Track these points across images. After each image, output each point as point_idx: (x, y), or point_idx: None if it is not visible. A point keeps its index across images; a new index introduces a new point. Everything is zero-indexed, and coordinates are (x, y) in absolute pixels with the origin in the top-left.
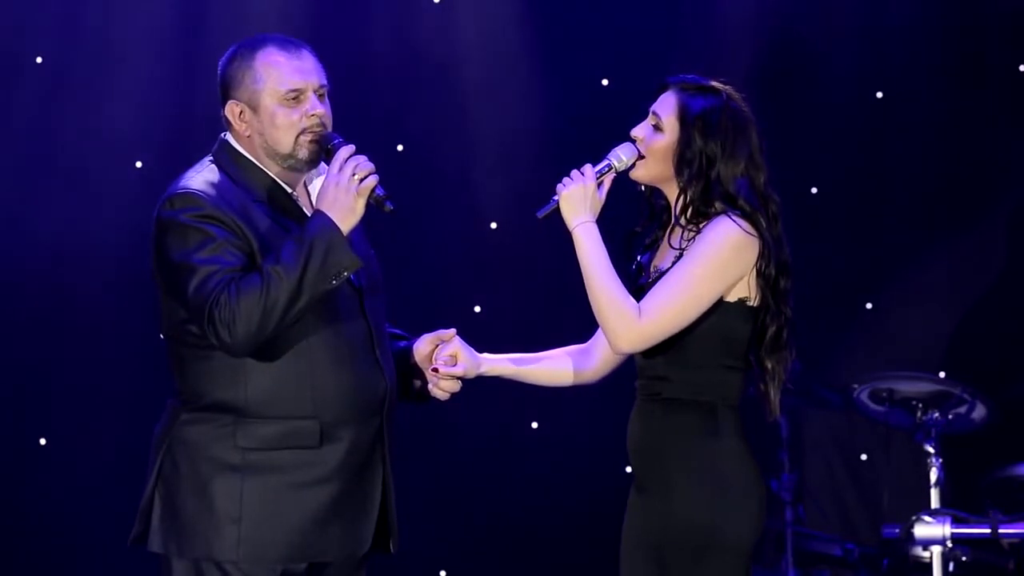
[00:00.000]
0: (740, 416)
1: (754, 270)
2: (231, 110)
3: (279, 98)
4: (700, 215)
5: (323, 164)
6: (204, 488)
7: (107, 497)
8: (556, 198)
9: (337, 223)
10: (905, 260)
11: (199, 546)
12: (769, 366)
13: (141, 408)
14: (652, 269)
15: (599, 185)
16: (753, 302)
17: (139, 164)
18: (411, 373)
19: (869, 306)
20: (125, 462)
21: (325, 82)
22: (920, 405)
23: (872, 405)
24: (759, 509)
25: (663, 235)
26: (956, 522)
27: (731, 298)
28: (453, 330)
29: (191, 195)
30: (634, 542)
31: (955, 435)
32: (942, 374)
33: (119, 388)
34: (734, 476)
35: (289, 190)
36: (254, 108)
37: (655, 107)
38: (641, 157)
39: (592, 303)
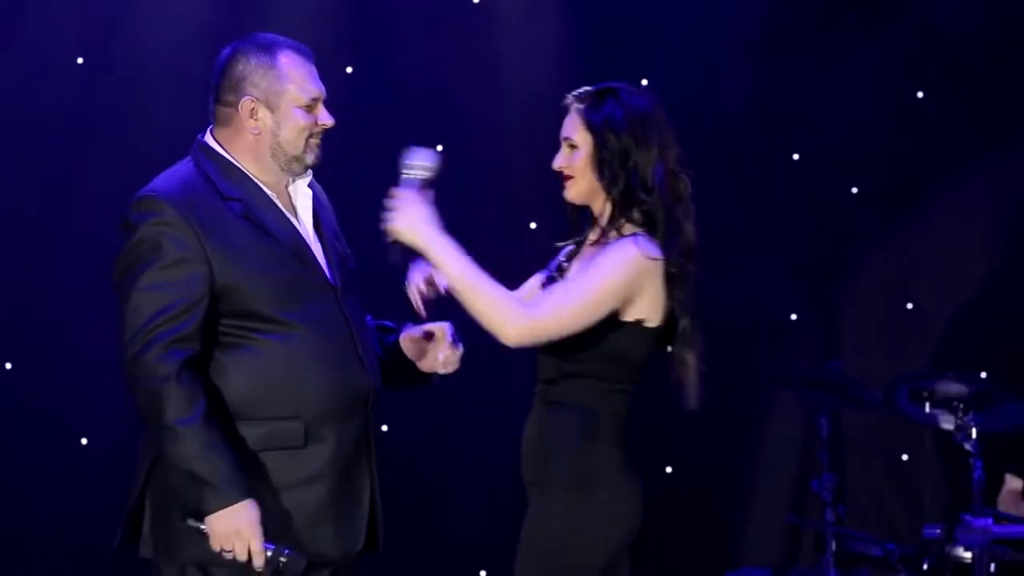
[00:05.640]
0: (626, 428)
1: (657, 289)
2: (244, 106)
3: (300, 103)
4: (614, 226)
5: (309, 170)
6: None
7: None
8: (391, 239)
9: (215, 509)
10: (946, 260)
11: (189, 551)
12: (683, 357)
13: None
14: (564, 276)
15: (421, 197)
16: (652, 323)
17: None
18: (406, 360)
19: (910, 306)
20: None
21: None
22: (961, 405)
23: (912, 405)
24: (622, 521)
25: (583, 243)
26: (997, 522)
27: (628, 317)
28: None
29: (155, 199)
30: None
31: (996, 435)
32: (983, 374)
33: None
34: (602, 482)
35: (266, 190)
36: (271, 108)
37: (563, 132)
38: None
39: (471, 309)
